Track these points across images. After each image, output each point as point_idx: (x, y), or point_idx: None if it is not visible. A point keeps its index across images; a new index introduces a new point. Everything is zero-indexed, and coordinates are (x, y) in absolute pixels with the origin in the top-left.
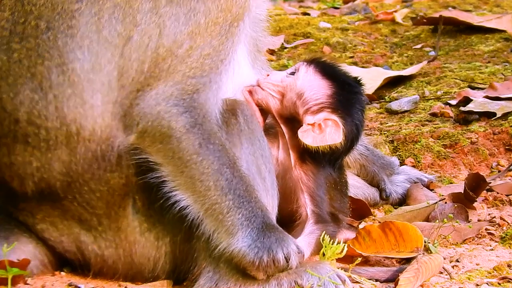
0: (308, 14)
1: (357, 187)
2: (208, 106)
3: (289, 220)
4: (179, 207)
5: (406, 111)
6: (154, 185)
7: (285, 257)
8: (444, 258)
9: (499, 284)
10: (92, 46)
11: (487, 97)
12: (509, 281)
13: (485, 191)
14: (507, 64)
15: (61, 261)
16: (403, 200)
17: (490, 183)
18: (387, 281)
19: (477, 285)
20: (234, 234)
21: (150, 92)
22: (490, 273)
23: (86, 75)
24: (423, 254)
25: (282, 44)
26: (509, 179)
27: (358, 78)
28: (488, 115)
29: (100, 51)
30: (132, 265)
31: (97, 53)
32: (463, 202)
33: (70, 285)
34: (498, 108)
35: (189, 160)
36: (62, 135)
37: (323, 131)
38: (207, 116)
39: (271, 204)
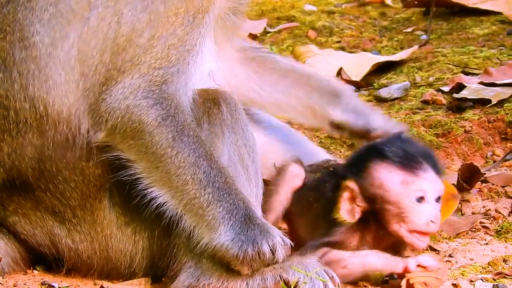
0: None
1: None
2: (179, 97)
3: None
4: (156, 204)
5: (396, 98)
6: (128, 182)
7: (270, 249)
8: (437, 253)
9: (494, 280)
10: (51, 20)
11: (481, 83)
12: (504, 277)
13: (479, 183)
14: (503, 48)
15: (35, 259)
16: None
17: (485, 174)
18: None
19: (471, 281)
20: (216, 228)
21: (116, 86)
22: (484, 268)
23: (47, 49)
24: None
25: (265, 28)
26: (505, 170)
27: None
28: (482, 102)
29: (57, 25)
30: (107, 260)
31: (54, 27)
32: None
33: (43, 283)
34: (493, 94)
35: (164, 154)
36: (32, 117)
37: None
38: (179, 107)
39: (254, 193)
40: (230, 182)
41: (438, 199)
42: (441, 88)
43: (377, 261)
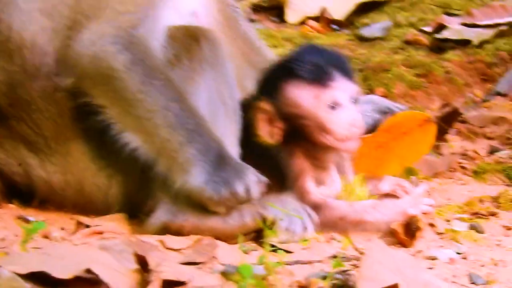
0: None
1: None
2: (148, 41)
3: None
4: (129, 148)
5: (377, 38)
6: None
7: (245, 188)
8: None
9: (471, 220)
10: None
11: (463, 24)
12: (480, 217)
13: (458, 123)
14: None
15: (11, 193)
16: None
17: (463, 114)
18: None
19: (448, 220)
20: (190, 170)
21: (83, 32)
22: (461, 208)
23: None
24: None
25: None
26: (484, 111)
27: None
28: (464, 43)
29: None
30: (81, 193)
31: None
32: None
33: (19, 217)
34: (474, 35)
35: (134, 99)
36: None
37: None
38: (148, 51)
39: (233, 129)
40: (202, 123)
41: (353, 101)
42: (423, 28)
43: (375, 215)
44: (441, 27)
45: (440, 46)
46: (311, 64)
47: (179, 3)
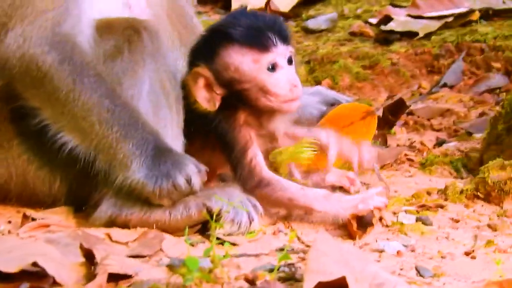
0: None
1: None
2: (74, 36)
3: None
4: (68, 148)
5: (323, 30)
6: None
7: (185, 180)
8: (362, 185)
9: (418, 212)
10: None
11: (409, 15)
12: (428, 209)
13: (405, 115)
14: None
15: None
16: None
17: (410, 106)
18: None
19: (394, 213)
20: (129, 165)
21: (8, 35)
22: (408, 200)
23: None
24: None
25: None
26: (431, 103)
27: None
28: (410, 35)
29: None
30: (25, 186)
31: None
32: (382, 126)
33: None
34: (420, 27)
35: (66, 99)
36: None
37: None
38: (75, 47)
39: (176, 120)
40: (136, 117)
41: (289, 62)
42: (369, 20)
43: (324, 205)
44: (387, 19)
45: (386, 38)
46: (248, 28)
47: None
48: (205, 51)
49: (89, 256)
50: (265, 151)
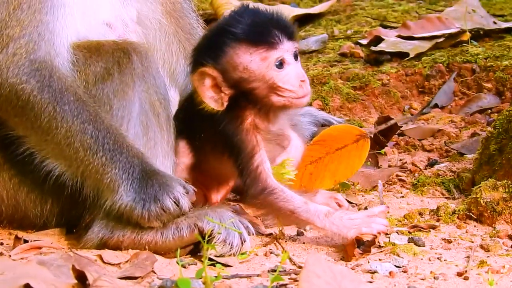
0: None
1: None
2: (51, 61)
3: None
4: (55, 176)
5: (314, 51)
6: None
7: (173, 201)
8: (353, 206)
9: (410, 233)
10: None
11: (399, 36)
12: (420, 230)
13: (396, 136)
14: (421, 1)
15: None
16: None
17: (401, 127)
18: None
19: (387, 234)
20: (116, 190)
21: None
22: (400, 221)
23: None
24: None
25: None
26: (422, 123)
27: None
28: (400, 56)
29: None
30: (16, 208)
31: None
32: (373, 146)
33: None
34: (411, 48)
35: (49, 127)
36: None
37: None
38: (54, 73)
39: (166, 139)
40: (121, 141)
41: (295, 57)
42: (359, 41)
43: (324, 223)
44: (377, 40)
45: (376, 59)
46: (253, 26)
47: (88, 16)
48: (211, 50)
49: (81, 278)
50: (273, 156)
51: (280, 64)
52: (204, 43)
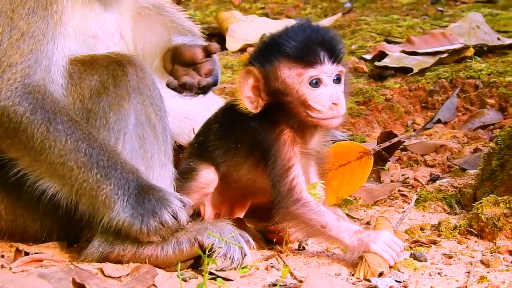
0: None
1: None
2: (44, 85)
3: None
4: (49, 196)
5: None
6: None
7: (172, 215)
8: (354, 220)
9: (411, 248)
10: None
11: (403, 51)
12: (421, 245)
13: (399, 151)
14: (426, 17)
15: None
16: None
17: (404, 142)
18: None
19: None
20: (113, 206)
21: None
22: (402, 236)
23: None
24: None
25: None
26: (425, 138)
27: None
28: (404, 71)
29: None
30: (16, 222)
31: None
32: (376, 162)
33: None
34: (415, 63)
35: (42, 147)
36: None
37: None
38: (47, 96)
39: (163, 150)
40: (115, 157)
41: (337, 80)
42: (364, 56)
43: (353, 241)
44: (381, 55)
45: (380, 74)
46: (300, 42)
47: (79, 32)
48: (262, 56)
49: None
50: (307, 171)
51: (316, 83)
52: (259, 48)
